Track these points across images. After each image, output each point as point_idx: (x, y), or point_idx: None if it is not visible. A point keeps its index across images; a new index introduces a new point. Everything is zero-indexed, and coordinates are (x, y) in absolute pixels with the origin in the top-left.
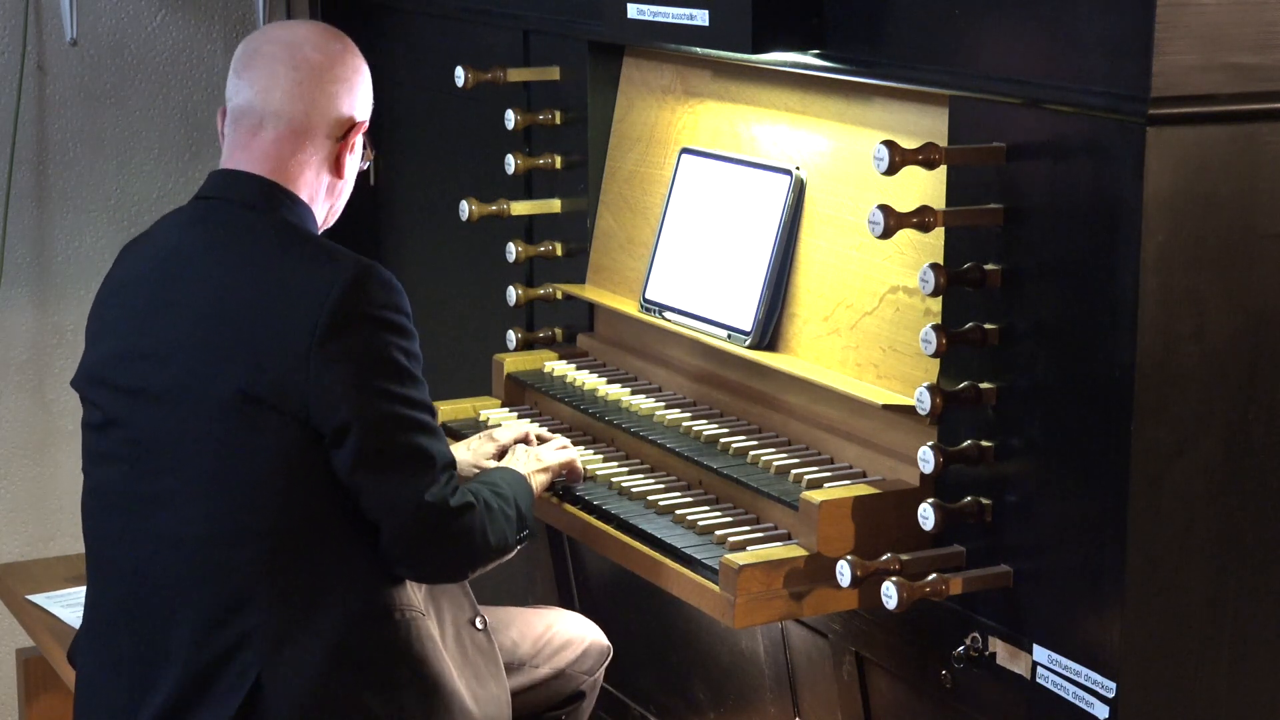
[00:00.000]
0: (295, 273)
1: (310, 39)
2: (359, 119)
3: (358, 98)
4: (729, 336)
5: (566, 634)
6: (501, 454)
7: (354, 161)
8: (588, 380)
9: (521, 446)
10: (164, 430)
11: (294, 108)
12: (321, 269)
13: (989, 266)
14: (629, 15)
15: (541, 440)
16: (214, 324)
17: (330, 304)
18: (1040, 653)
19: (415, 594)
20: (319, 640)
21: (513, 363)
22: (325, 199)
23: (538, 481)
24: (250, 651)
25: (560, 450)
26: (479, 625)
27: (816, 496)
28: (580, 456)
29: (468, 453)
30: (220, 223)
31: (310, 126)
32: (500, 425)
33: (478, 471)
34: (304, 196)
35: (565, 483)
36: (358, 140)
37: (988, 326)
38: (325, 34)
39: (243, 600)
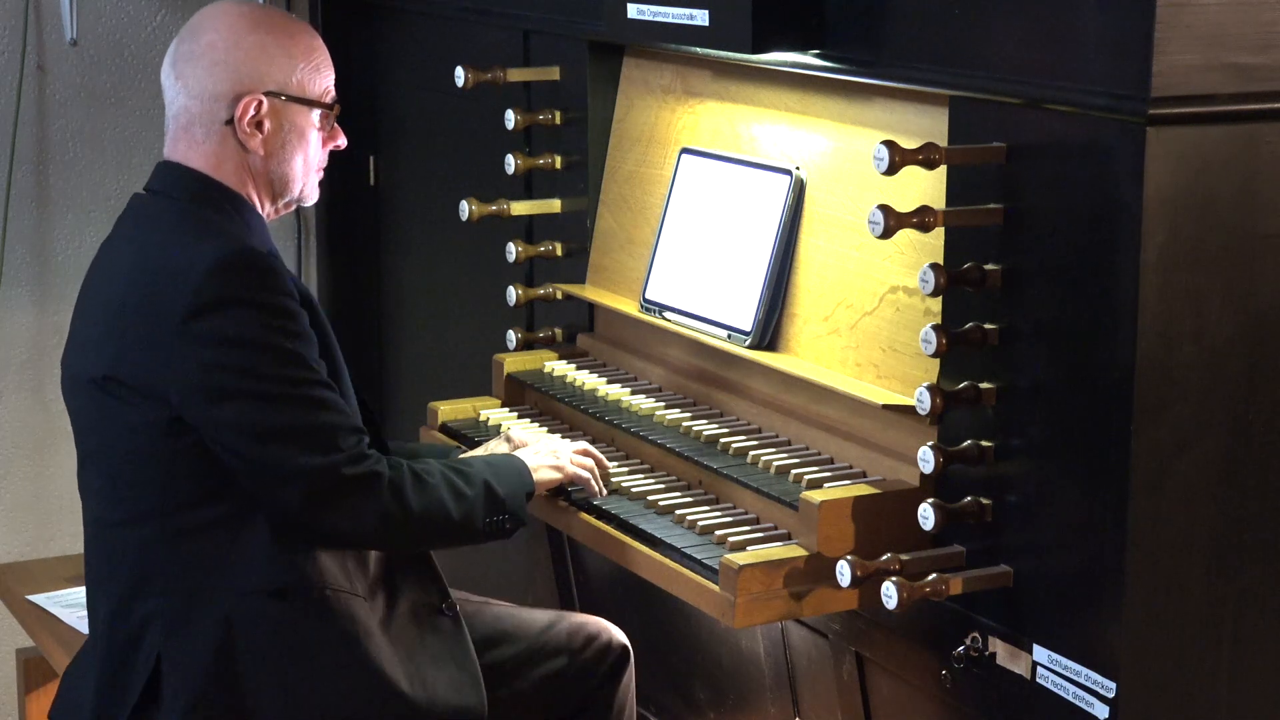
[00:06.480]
0: (170, 257)
1: (207, 22)
2: (252, 89)
3: (247, 69)
4: (729, 336)
5: (586, 626)
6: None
7: (282, 134)
8: (588, 380)
9: (546, 437)
10: (75, 418)
11: (177, 91)
12: (190, 253)
13: (989, 266)
14: (629, 15)
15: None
16: (99, 312)
17: (191, 287)
18: (1040, 653)
19: (349, 575)
20: (211, 621)
21: (513, 363)
22: (255, 177)
23: (543, 476)
24: (152, 634)
25: (580, 461)
26: (446, 610)
27: (816, 496)
28: (608, 470)
29: (483, 452)
30: (140, 214)
31: (189, 108)
32: (517, 427)
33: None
34: (224, 179)
35: (582, 495)
36: (260, 109)
37: (988, 326)
38: (227, 12)
39: (141, 583)
